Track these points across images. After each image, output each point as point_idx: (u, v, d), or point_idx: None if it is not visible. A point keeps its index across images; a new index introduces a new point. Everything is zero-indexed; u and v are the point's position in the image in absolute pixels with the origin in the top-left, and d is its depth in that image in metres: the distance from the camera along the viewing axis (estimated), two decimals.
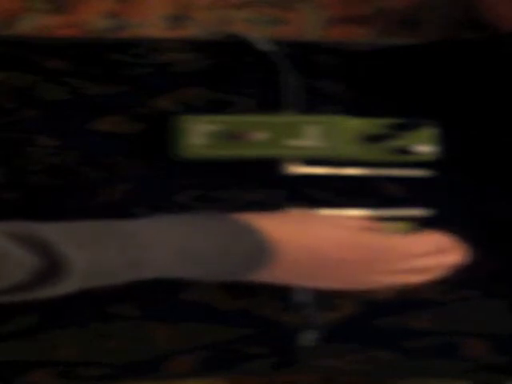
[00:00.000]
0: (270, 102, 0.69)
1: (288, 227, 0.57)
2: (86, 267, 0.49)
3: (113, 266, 0.51)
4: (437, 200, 0.70)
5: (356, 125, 0.68)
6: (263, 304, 0.67)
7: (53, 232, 0.50)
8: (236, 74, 0.70)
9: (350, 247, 0.58)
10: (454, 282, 0.68)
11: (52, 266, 0.48)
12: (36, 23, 0.71)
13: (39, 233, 0.50)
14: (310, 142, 0.67)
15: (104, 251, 0.50)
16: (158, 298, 0.66)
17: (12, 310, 0.64)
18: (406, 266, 0.61)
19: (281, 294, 0.67)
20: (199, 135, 0.66)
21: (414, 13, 0.75)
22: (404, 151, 0.68)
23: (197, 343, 0.67)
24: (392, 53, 0.72)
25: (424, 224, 0.68)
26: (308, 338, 0.67)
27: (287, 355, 0.68)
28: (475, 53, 0.72)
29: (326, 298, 0.67)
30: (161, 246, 0.53)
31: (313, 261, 0.57)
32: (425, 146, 0.68)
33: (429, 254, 0.62)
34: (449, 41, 0.73)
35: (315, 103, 0.70)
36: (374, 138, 0.68)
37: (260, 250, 0.55)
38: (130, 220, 0.55)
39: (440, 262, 0.62)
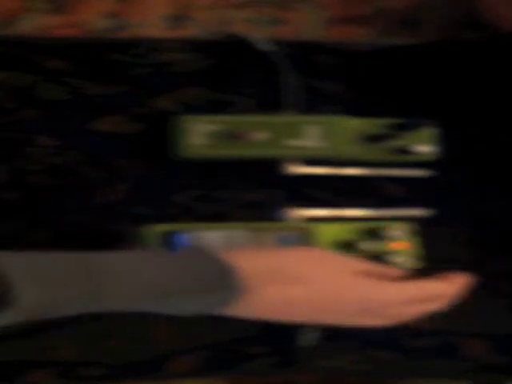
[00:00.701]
0: (270, 102, 0.70)
1: (263, 265, 0.54)
2: (33, 304, 0.47)
3: (69, 302, 0.48)
4: (437, 200, 0.70)
5: (356, 125, 0.68)
6: None
7: (13, 264, 0.49)
8: (236, 74, 0.70)
9: (341, 285, 0.56)
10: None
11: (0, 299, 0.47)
12: (36, 23, 0.71)
13: None
14: (310, 142, 0.67)
15: (63, 288, 0.48)
16: None
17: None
18: (393, 311, 0.58)
19: None
20: (199, 135, 0.66)
21: (414, 13, 0.75)
22: (404, 151, 0.68)
23: (197, 343, 0.67)
24: (392, 53, 0.72)
25: (424, 224, 0.68)
26: (308, 337, 0.67)
27: (287, 355, 0.68)
28: (475, 53, 0.72)
29: None
30: (128, 281, 0.50)
31: (286, 304, 0.54)
32: (425, 146, 0.68)
33: (418, 301, 0.59)
34: (449, 41, 0.73)
35: (315, 103, 0.70)
36: (374, 138, 0.68)
37: (228, 288, 0.52)
38: (100, 253, 0.52)
39: (428, 310, 0.60)
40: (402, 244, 0.67)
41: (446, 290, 0.60)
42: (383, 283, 0.58)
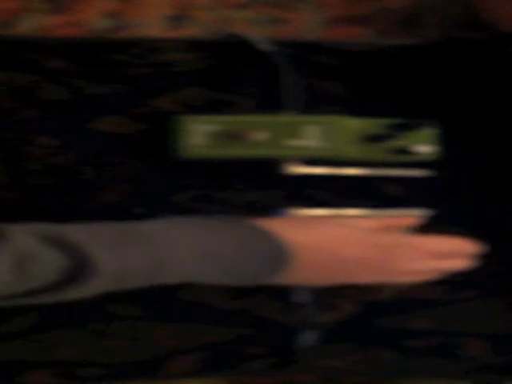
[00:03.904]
0: (270, 102, 0.69)
1: (303, 230, 0.58)
2: (113, 269, 0.50)
3: (137, 268, 0.51)
4: (437, 200, 0.70)
5: (356, 125, 0.68)
6: (263, 304, 0.67)
7: (80, 234, 0.50)
8: (236, 74, 0.70)
9: (366, 246, 0.59)
10: (454, 282, 0.68)
11: (80, 268, 0.49)
12: (36, 23, 0.71)
13: (68, 234, 0.50)
14: (310, 141, 0.67)
15: (129, 253, 0.51)
16: (158, 298, 0.66)
17: (12, 310, 0.64)
18: (423, 266, 0.61)
19: (280, 294, 0.67)
20: (199, 135, 0.66)
21: (414, 13, 0.75)
22: (404, 151, 0.68)
23: (197, 343, 0.67)
24: (392, 53, 0.72)
25: (424, 224, 0.68)
26: (308, 337, 0.67)
27: (287, 355, 0.68)
28: (475, 53, 0.72)
29: (326, 298, 0.67)
30: (183, 247, 0.53)
31: (330, 262, 0.58)
32: (425, 146, 0.68)
33: (442, 256, 0.62)
34: (449, 41, 0.73)
35: (315, 103, 0.70)
36: (374, 138, 0.68)
37: (279, 253, 0.56)
38: (149, 221, 0.55)
39: (452, 266, 0.63)
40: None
41: (464, 246, 0.63)
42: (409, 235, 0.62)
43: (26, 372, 0.65)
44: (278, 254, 0.56)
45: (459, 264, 0.63)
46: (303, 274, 0.58)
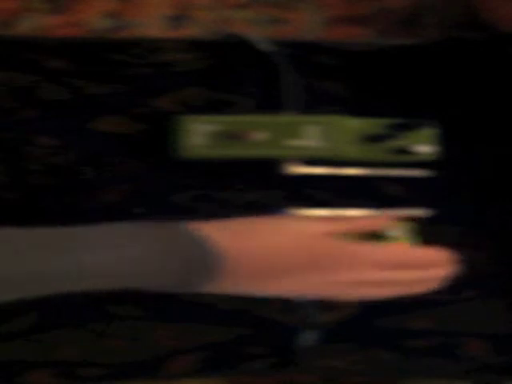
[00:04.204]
0: (270, 102, 0.70)
1: (241, 238, 0.55)
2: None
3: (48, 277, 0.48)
4: (437, 200, 0.70)
5: (356, 125, 0.68)
6: (263, 304, 0.67)
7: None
8: (236, 73, 0.70)
9: (304, 255, 0.55)
10: (454, 282, 0.68)
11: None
12: (36, 23, 0.71)
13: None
14: (310, 141, 0.67)
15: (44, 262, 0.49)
16: (158, 298, 0.66)
17: (12, 310, 0.64)
18: (368, 277, 0.56)
19: None
20: (199, 135, 0.66)
21: (414, 13, 0.75)
22: (404, 151, 0.68)
23: (197, 343, 0.67)
24: (392, 53, 0.72)
25: (424, 224, 0.68)
26: (308, 337, 0.67)
27: (287, 355, 0.68)
28: (475, 53, 0.72)
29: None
30: (105, 250, 0.50)
31: (265, 272, 0.55)
32: (425, 146, 0.68)
33: (395, 267, 0.57)
34: (449, 41, 0.73)
35: (315, 103, 0.70)
36: (374, 138, 0.68)
37: (211, 261, 0.52)
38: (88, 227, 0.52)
39: (406, 277, 0.57)
40: (402, 244, 0.67)
41: (435, 259, 0.58)
42: (357, 244, 0.57)
43: (26, 372, 0.65)
44: (209, 262, 0.52)
45: (422, 275, 0.58)
46: (237, 283, 0.54)
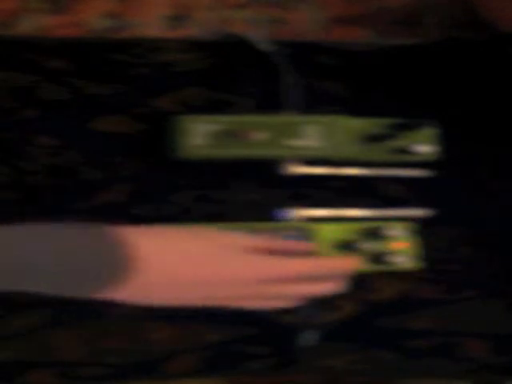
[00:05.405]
0: (270, 102, 0.70)
1: (160, 245, 0.53)
2: None
3: None
4: (437, 200, 0.70)
5: (356, 125, 0.68)
6: None
7: None
8: (236, 74, 0.70)
9: (220, 269, 0.54)
10: (454, 282, 0.68)
11: None
12: (36, 23, 0.71)
13: None
14: (310, 142, 0.67)
15: None
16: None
17: (12, 310, 0.64)
18: (270, 290, 0.56)
19: None
20: (199, 135, 0.66)
21: (414, 13, 0.75)
22: (404, 151, 0.68)
23: (197, 343, 0.67)
24: (392, 53, 0.72)
25: (424, 224, 0.68)
26: (308, 337, 0.67)
27: (287, 355, 0.68)
28: (475, 52, 0.72)
29: (327, 298, 0.67)
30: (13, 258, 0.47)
31: (178, 281, 0.53)
32: (425, 146, 0.68)
33: (291, 281, 0.55)
34: (449, 41, 0.73)
35: (315, 103, 0.70)
36: (374, 138, 0.68)
37: (120, 266, 0.50)
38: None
39: (300, 291, 0.56)
40: (401, 244, 0.67)
41: (338, 267, 0.56)
42: (277, 258, 0.55)
43: (26, 372, 0.65)
44: (118, 267, 0.50)
45: (329, 286, 0.57)
46: (147, 291, 0.52)
